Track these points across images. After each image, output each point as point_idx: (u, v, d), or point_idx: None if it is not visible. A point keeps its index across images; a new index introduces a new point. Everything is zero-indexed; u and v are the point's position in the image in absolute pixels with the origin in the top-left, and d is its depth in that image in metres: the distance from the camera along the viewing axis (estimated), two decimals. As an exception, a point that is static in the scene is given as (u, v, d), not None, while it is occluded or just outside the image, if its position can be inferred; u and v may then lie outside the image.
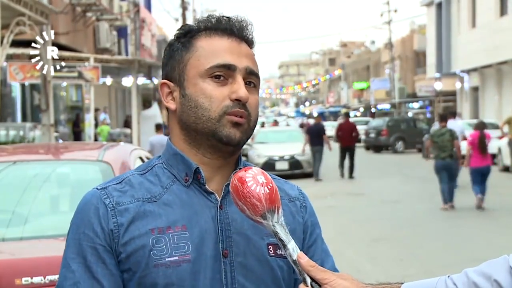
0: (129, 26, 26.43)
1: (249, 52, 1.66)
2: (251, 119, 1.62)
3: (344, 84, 78.11)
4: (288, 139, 22.53)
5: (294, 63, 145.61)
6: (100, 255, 1.55)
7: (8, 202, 4.60)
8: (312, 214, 1.76)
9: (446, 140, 13.56)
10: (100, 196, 1.59)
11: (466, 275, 1.51)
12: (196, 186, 1.61)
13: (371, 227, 11.70)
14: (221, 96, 1.59)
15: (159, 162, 1.66)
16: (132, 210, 1.57)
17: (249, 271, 1.59)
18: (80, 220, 1.59)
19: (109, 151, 4.95)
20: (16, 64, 15.21)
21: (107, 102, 31.21)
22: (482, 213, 12.89)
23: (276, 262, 1.62)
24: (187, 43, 1.64)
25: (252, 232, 1.60)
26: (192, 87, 1.61)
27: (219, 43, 1.63)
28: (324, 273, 1.47)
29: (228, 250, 1.58)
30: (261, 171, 1.54)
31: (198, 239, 1.56)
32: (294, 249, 1.48)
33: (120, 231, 1.55)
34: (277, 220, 1.49)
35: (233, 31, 1.65)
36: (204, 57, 1.61)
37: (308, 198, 1.80)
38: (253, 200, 1.48)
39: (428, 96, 47.19)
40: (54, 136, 14.64)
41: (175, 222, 1.57)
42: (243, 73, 1.61)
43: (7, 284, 3.67)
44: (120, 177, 1.65)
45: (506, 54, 29.08)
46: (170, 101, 1.65)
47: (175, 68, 1.65)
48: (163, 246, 1.54)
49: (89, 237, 1.56)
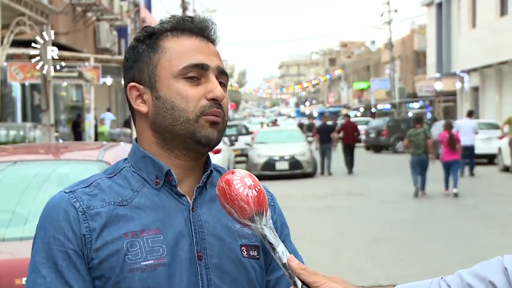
0: (129, 26, 26.45)
1: (216, 51, 1.65)
2: (225, 118, 1.61)
3: (344, 84, 78.11)
4: (288, 139, 22.53)
5: (294, 63, 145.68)
6: (72, 259, 1.50)
7: (8, 202, 4.60)
8: (280, 214, 1.74)
9: (421, 139, 15.62)
10: (69, 199, 1.55)
11: (460, 276, 1.50)
12: (167, 188, 1.58)
13: (371, 227, 11.70)
14: (197, 96, 1.57)
15: (126, 165, 1.62)
16: (104, 214, 1.53)
17: (224, 273, 1.57)
18: (48, 223, 1.53)
19: (109, 151, 4.95)
20: (16, 64, 15.24)
21: (107, 102, 31.22)
22: (482, 213, 12.90)
23: (249, 263, 1.60)
24: (154, 44, 1.61)
25: (225, 234, 1.59)
26: (166, 88, 1.57)
27: (188, 43, 1.60)
28: (315, 276, 1.44)
29: (202, 253, 1.56)
30: (249, 174, 1.51)
31: (172, 242, 1.54)
32: (284, 252, 1.45)
33: (92, 236, 1.51)
34: (265, 223, 1.47)
35: (199, 31, 1.63)
36: (174, 57, 1.58)
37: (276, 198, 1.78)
38: (241, 202, 1.46)
39: (428, 96, 47.18)
40: (54, 136, 14.65)
41: (149, 225, 1.53)
42: (215, 72, 1.60)
43: (7, 284, 3.68)
44: (87, 180, 1.60)
45: (506, 54, 29.09)
46: (141, 104, 1.61)
47: (143, 70, 1.60)
48: (138, 250, 1.51)
49: (59, 241, 1.51)
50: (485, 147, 23.50)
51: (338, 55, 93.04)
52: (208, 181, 1.62)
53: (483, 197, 15.16)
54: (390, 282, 1.59)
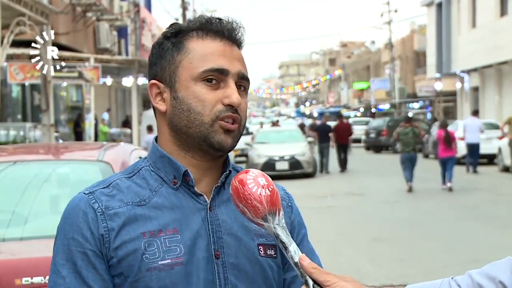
0: (129, 26, 26.44)
1: (240, 55, 1.65)
2: (241, 123, 1.62)
3: (344, 84, 78.09)
4: (288, 139, 22.53)
5: (294, 63, 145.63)
6: (91, 260, 1.53)
7: (8, 202, 4.60)
8: (298, 214, 1.75)
9: (410, 138, 16.93)
10: (88, 200, 1.57)
11: (470, 276, 1.51)
12: (185, 188, 1.60)
13: (371, 227, 11.70)
14: (214, 100, 1.57)
15: (145, 165, 1.64)
16: (122, 214, 1.55)
17: (241, 272, 1.59)
18: (68, 225, 1.56)
19: (109, 151, 4.95)
20: (16, 64, 15.23)
21: (107, 102, 31.21)
22: (482, 213, 12.90)
23: (266, 262, 1.62)
24: (179, 43, 1.61)
25: (242, 233, 1.60)
26: (184, 90, 1.59)
27: (212, 46, 1.61)
28: (327, 275, 1.46)
29: (219, 251, 1.58)
30: (262, 173, 1.53)
31: (189, 241, 1.56)
32: (296, 251, 1.47)
33: (110, 235, 1.54)
34: (278, 222, 1.49)
35: (225, 33, 1.63)
36: (196, 60, 1.59)
37: (294, 198, 1.79)
38: (254, 202, 1.47)
39: (428, 96, 47.18)
40: (54, 136, 14.65)
41: (166, 225, 1.56)
42: (235, 77, 1.60)
43: (7, 284, 3.68)
44: (107, 180, 1.62)
45: (506, 54, 29.09)
46: (160, 102, 1.62)
47: (165, 69, 1.62)
48: (155, 250, 1.53)
49: (78, 242, 1.54)
50: (485, 147, 23.52)
51: (338, 55, 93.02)
52: (226, 181, 1.63)
53: (483, 197, 15.17)
54: (390, 282, 1.59)
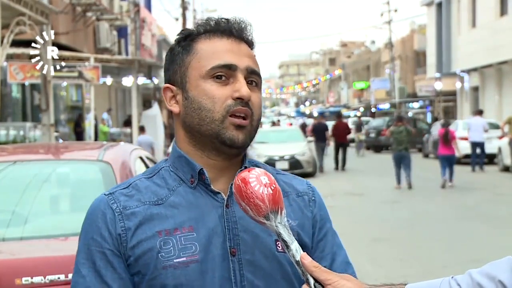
0: (129, 26, 26.41)
1: (250, 52, 1.67)
2: (254, 118, 1.63)
3: (344, 84, 78.08)
4: (288, 139, 22.53)
5: (294, 63, 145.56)
6: (109, 259, 1.57)
7: (8, 202, 4.59)
8: (322, 208, 1.76)
9: (403, 136, 17.35)
10: (107, 201, 1.62)
11: (470, 276, 1.51)
12: (202, 187, 1.63)
13: (371, 227, 11.70)
14: (223, 96, 1.60)
15: (165, 166, 1.68)
16: (139, 213, 1.59)
17: (257, 268, 1.60)
18: (88, 225, 1.62)
19: (109, 151, 4.95)
20: (16, 64, 15.21)
21: (107, 102, 31.20)
22: (482, 213, 12.90)
23: (285, 257, 1.61)
24: (188, 46, 1.66)
25: (259, 229, 1.61)
26: (194, 89, 1.62)
27: (219, 44, 1.64)
28: (327, 274, 1.47)
29: (236, 249, 1.59)
30: (265, 172, 1.54)
31: (205, 239, 1.58)
32: (297, 250, 1.48)
33: (127, 235, 1.57)
34: (280, 221, 1.50)
35: (233, 32, 1.66)
36: (205, 58, 1.63)
37: (318, 192, 1.79)
38: (256, 200, 1.49)
39: (428, 96, 47.16)
40: (54, 136, 14.64)
41: (182, 223, 1.58)
42: (244, 72, 1.62)
43: (7, 284, 3.67)
44: (128, 181, 1.67)
45: (506, 54, 29.08)
46: (174, 104, 1.67)
47: (176, 72, 1.66)
48: (171, 248, 1.56)
49: (97, 242, 1.59)
50: (485, 147, 23.53)
51: (338, 55, 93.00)
52: None
53: (483, 197, 15.17)
54: (390, 282, 1.60)
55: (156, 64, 27.29)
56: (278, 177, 1.72)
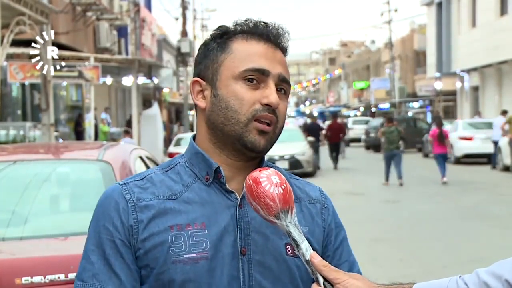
0: (129, 25, 26.39)
1: (283, 59, 1.68)
2: (277, 125, 1.64)
3: (344, 84, 78.07)
4: (288, 139, 22.51)
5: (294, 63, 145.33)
6: (119, 249, 1.57)
7: (8, 201, 4.59)
8: (336, 216, 1.77)
9: (394, 136, 18.31)
10: (121, 191, 1.61)
11: (477, 275, 1.52)
12: (217, 185, 1.63)
13: (371, 227, 11.69)
14: (252, 100, 1.60)
15: (181, 161, 1.68)
16: (152, 207, 1.59)
17: (266, 269, 1.60)
18: (100, 213, 1.61)
19: (109, 151, 4.95)
20: (16, 64, 15.20)
21: (107, 102, 31.19)
22: (482, 213, 12.90)
23: (294, 262, 1.62)
24: (223, 44, 1.66)
25: (270, 231, 1.61)
26: (224, 88, 1.62)
27: (255, 47, 1.64)
28: (337, 273, 1.48)
29: (246, 248, 1.59)
30: (276, 172, 1.55)
31: (216, 236, 1.58)
32: (307, 249, 1.49)
33: (139, 227, 1.57)
34: (290, 220, 1.51)
35: (270, 37, 1.66)
36: (239, 59, 1.62)
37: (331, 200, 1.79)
38: (267, 200, 1.49)
39: (428, 95, 47.18)
40: (54, 135, 14.64)
41: (195, 219, 1.58)
42: (276, 79, 1.63)
43: (7, 283, 3.67)
44: (142, 174, 1.67)
45: (506, 54, 29.08)
46: (200, 99, 1.67)
47: (208, 67, 1.66)
48: (182, 243, 1.56)
49: (108, 230, 1.58)
50: (485, 147, 23.57)
51: (338, 55, 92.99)
52: None
53: (483, 197, 15.16)
54: (399, 282, 1.61)
55: (156, 63, 27.29)
56: (292, 181, 1.72)
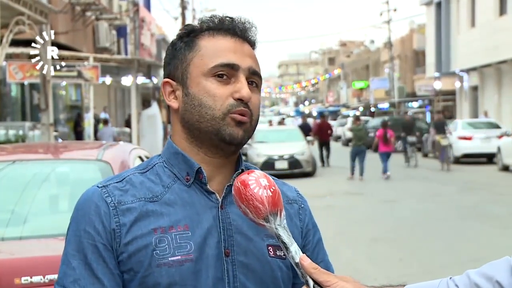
0: (128, 25, 26.40)
1: (252, 52, 1.67)
2: (253, 118, 1.63)
3: (344, 84, 78.06)
4: (288, 139, 22.54)
5: (294, 63, 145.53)
6: (101, 253, 1.54)
7: (7, 201, 4.59)
8: (312, 216, 1.77)
9: (362, 133, 20.72)
10: (101, 193, 1.58)
11: (468, 276, 1.51)
12: (197, 185, 1.61)
13: (371, 227, 11.69)
14: (224, 95, 1.59)
15: (159, 161, 1.66)
16: (134, 210, 1.56)
17: (250, 271, 1.60)
18: (81, 217, 1.58)
19: (108, 151, 4.95)
20: (15, 64, 15.20)
21: (106, 102, 31.20)
22: (482, 213, 12.89)
23: (276, 263, 1.62)
24: (191, 42, 1.65)
25: (252, 233, 1.61)
26: (195, 86, 1.61)
27: (222, 43, 1.63)
28: (327, 276, 1.47)
29: (229, 250, 1.58)
30: (264, 174, 1.54)
31: (200, 238, 1.56)
32: (297, 252, 1.48)
33: (122, 231, 1.55)
34: (279, 223, 1.50)
35: (237, 31, 1.65)
36: (207, 56, 1.62)
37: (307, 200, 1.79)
38: (256, 203, 1.48)
39: (427, 95, 47.14)
40: (53, 135, 14.63)
41: (178, 222, 1.56)
42: (246, 73, 1.62)
43: (6, 283, 3.67)
44: (121, 175, 1.64)
45: (505, 54, 29.07)
46: (173, 99, 1.65)
47: (178, 67, 1.65)
48: (166, 246, 1.54)
49: (90, 235, 1.55)
50: (484, 146, 23.56)
51: (337, 55, 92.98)
52: None
53: (483, 197, 15.17)
54: (390, 282, 1.60)
55: (156, 63, 27.28)
56: None
